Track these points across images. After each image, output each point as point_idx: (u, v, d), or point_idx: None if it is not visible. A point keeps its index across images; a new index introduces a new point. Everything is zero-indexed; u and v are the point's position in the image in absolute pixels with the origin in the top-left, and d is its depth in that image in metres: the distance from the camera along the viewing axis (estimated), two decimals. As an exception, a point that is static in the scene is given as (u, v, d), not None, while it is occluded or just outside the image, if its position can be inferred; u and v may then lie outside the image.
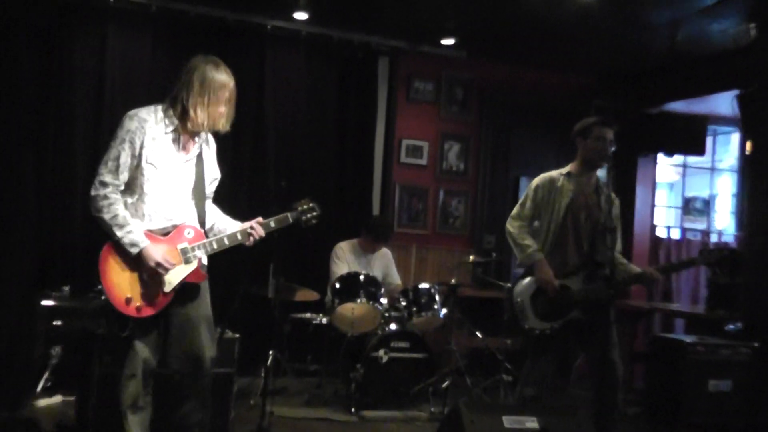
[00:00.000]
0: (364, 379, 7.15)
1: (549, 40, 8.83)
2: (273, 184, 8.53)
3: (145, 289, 4.52)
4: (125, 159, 4.49)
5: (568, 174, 5.83)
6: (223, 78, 4.63)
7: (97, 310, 6.74)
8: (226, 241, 4.73)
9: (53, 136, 7.90)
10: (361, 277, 7.41)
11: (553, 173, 5.89)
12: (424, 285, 7.70)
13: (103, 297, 4.54)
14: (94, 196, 4.48)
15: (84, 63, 8.03)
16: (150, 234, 4.56)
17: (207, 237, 4.76)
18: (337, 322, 7.36)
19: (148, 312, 4.52)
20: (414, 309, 7.54)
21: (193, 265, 4.65)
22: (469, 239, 9.78)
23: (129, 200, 4.57)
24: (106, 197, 4.47)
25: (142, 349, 4.65)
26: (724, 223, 11.71)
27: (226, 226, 4.92)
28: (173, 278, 4.57)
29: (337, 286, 7.40)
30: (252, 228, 4.79)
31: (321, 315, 7.70)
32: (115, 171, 4.48)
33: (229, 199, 6.77)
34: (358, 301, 7.26)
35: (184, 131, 4.65)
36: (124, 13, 8.12)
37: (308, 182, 8.60)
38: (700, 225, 11.23)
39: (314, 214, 5.06)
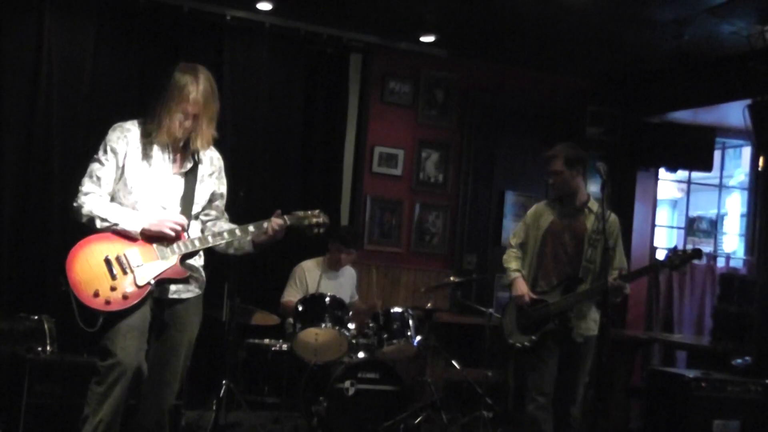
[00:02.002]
0: (328, 414, 7.11)
1: (540, 39, 8.88)
2: (229, 194, 8.49)
3: (114, 284, 4.62)
4: (106, 169, 4.76)
5: (555, 198, 6.61)
6: (187, 79, 4.76)
7: (27, 333, 6.69)
8: (225, 234, 4.90)
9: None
10: (327, 300, 7.38)
11: (542, 202, 6.75)
12: (396, 309, 7.68)
13: (64, 288, 4.63)
14: (77, 205, 4.72)
15: (17, 55, 7.95)
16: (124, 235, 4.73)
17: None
18: (299, 349, 7.33)
19: (118, 306, 4.61)
20: (385, 336, 7.51)
21: (171, 262, 4.76)
22: (448, 259, 9.79)
23: None
24: (92, 201, 4.70)
25: (131, 356, 4.64)
26: (732, 245, 11.80)
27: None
28: (147, 272, 4.69)
29: (300, 308, 7.37)
30: (267, 223, 4.94)
31: (281, 341, 7.66)
32: (97, 181, 4.75)
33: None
34: (323, 326, 7.23)
35: (170, 144, 4.85)
36: (64, -1, 8.10)
37: (269, 192, 8.59)
38: (706, 247, 11.29)
39: (320, 220, 5.17)
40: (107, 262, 4.63)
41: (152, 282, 4.69)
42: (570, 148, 6.42)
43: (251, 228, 4.91)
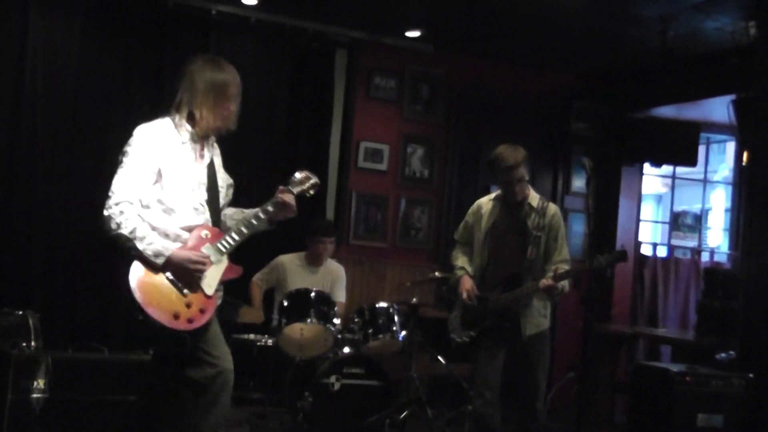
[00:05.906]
0: (313, 409, 7.09)
1: (526, 34, 8.88)
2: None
3: (187, 300, 4.60)
4: (140, 174, 4.60)
5: (497, 197, 6.50)
6: (226, 76, 4.86)
7: (11, 328, 6.66)
8: (253, 221, 4.90)
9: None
10: (312, 294, 7.37)
11: (484, 198, 6.63)
12: (381, 304, 7.68)
13: (141, 318, 4.53)
14: (108, 215, 4.52)
15: (1, 50, 7.91)
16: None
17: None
18: (284, 344, 7.32)
19: (200, 320, 4.63)
20: (370, 331, 7.50)
21: (224, 263, 4.78)
22: (433, 254, 9.80)
23: (149, 216, 4.64)
24: (122, 212, 4.51)
25: (229, 360, 4.75)
26: (716, 240, 11.82)
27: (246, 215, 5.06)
28: (211, 280, 4.69)
29: (285, 304, 7.36)
30: (280, 197, 4.96)
31: (266, 336, 7.66)
32: (130, 187, 4.56)
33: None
34: (308, 321, 7.22)
35: (198, 138, 4.87)
36: (49, -7, 8.05)
37: (255, 187, 8.51)
38: (690, 242, 11.35)
39: (312, 182, 5.20)
40: (171, 281, 4.57)
41: (219, 288, 4.74)
42: (524, 151, 6.29)
43: (270, 208, 4.92)
